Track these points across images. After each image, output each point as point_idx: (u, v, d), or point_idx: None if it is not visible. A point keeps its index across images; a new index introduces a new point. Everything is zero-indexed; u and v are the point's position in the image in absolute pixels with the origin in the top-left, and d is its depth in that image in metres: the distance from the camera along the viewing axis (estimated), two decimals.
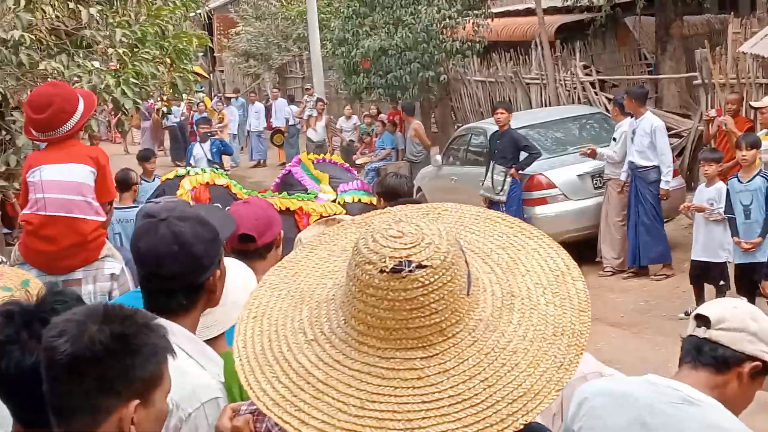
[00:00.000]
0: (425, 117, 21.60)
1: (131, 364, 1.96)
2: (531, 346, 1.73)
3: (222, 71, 34.85)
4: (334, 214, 6.75)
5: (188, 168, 8.95)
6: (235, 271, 3.23)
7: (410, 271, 1.66)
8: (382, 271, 1.67)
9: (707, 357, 2.57)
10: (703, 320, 2.61)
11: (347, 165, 9.98)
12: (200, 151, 17.51)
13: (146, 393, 1.99)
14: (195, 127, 19.99)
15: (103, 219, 4.91)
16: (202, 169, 8.37)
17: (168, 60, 8.25)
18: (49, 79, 7.70)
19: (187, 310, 2.64)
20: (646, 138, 11.12)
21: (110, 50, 7.62)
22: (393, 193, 6.39)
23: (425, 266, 1.66)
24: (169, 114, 19.79)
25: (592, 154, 11.84)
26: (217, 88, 34.53)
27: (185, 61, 8.49)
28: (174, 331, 2.29)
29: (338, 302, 1.79)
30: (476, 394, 1.65)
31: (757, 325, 2.59)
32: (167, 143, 27.12)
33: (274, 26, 28.63)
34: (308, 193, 8.28)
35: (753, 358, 2.57)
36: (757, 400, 2.70)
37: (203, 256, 2.63)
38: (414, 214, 1.96)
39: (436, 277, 1.67)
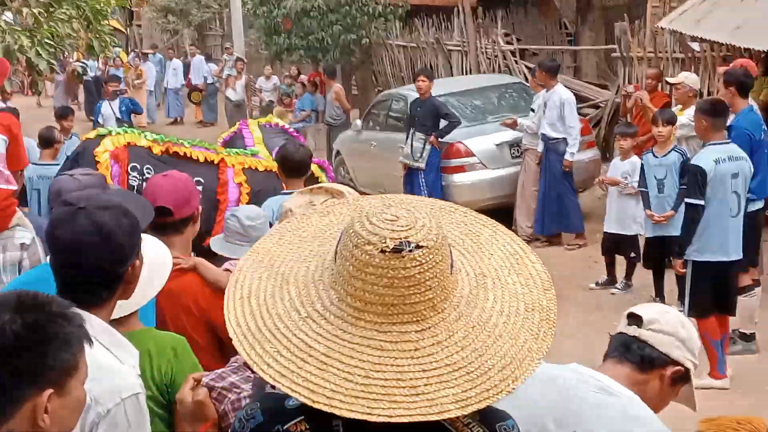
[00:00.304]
0: (346, 80, 21.49)
1: (44, 353, 1.94)
2: (509, 320, 1.89)
3: (140, 26, 34.17)
4: (318, 182, 6.61)
5: (110, 128, 8.73)
6: (146, 247, 3.20)
7: (410, 251, 1.80)
8: (383, 251, 1.80)
9: (634, 354, 2.65)
10: (635, 319, 2.69)
11: (293, 130, 9.78)
12: (108, 109, 17.15)
13: (61, 382, 1.97)
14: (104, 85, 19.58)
15: (15, 188, 4.80)
16: (123, 129, 8.17)
17: (84, 21, 8.05)
18: None
19: (105, 301, 2.61)
20: (555, 110, 11.26)
21: (25, 9, 7.40)
22: (293, 167, 6.22)
23: (422, 246, 1.81)
24: (84, 75, 19.34)
25: (513, 125, 11.95)
26: (134, 43, 33.87)
27: (102, 22, 8.30)
28: (92, 322, 2.26)
29: (327, 282, 1.90)
30: (469, 363, 1.81)
31: (686, 332, 2.68)
32: (81, 97, 26.55)
33: None
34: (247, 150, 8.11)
35: (677, 363, 2.66)
36: None
37: (125, 247, 2.60)
38: (376, 201, 2.11)
39: (431, 256, 1.81)
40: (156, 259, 3.18)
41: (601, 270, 10.01)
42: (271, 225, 6.06)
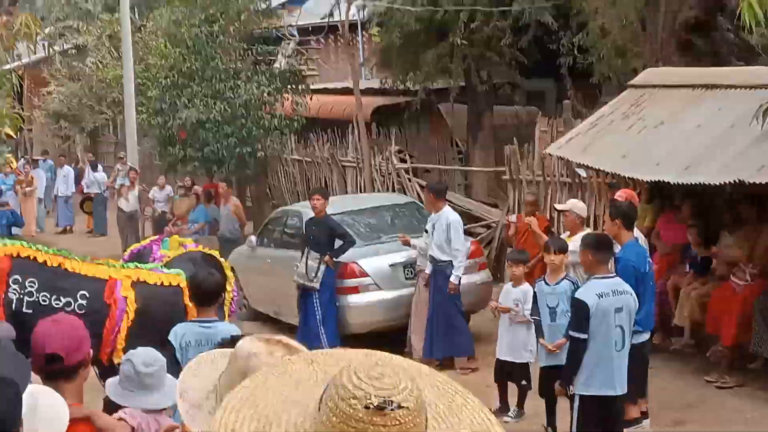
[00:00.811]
0: (240, 193, 21.49)
1: None
2: None
3: (30, 130, 33.63)
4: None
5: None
6: (41, 402, 3.11)
7: (392, 409, 1.88)
8: (367, 407, 1.88)
9: None
10: None
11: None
12: None
13: None
14: None
15: None
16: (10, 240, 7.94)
17: None
18: None
19: None
20: (443, 233, 11.42)
21: None
22: (205, 295, 6.31)
23: (403, 407, 1.89)
24: None
25: (406, 243, 12.06)
26: (24, 148, 33.31)
27: None
28: None
29: (310, 430, 1.97)
30: None
31: None
32: None
33: (88, 88, 27.91)
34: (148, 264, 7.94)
35: None
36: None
37: (7, 421, 2.52)
38: (355, 357, 2.17)
39: (410, 417, 1.90)
40: (50, 414, 3.10)
41: (494, 395, 10.06)
42: (175, 357, 6.01)
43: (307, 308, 12.25)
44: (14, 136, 27.85)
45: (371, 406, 1.88)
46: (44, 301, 7.13)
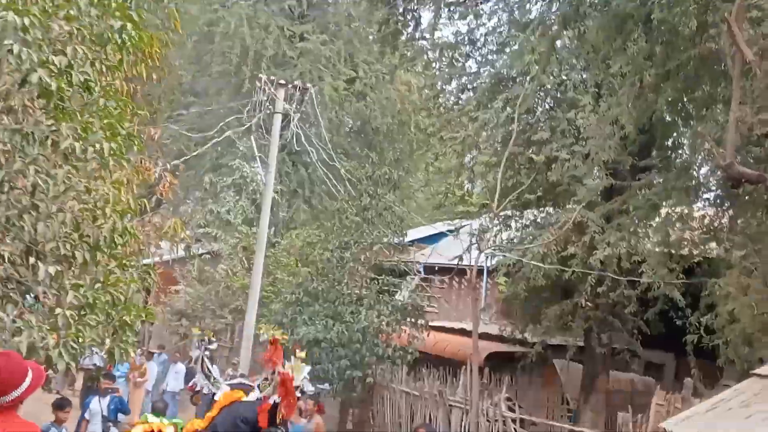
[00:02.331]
0: (343, 414, 21.48)
1: None
2: None
3: (152, 324, 34.64)
4: None
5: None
6: None
7: None
8: None
9: None
10: None
11: None
12: (97, 405, 17.08)
13: None
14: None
15: None
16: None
17: (111, 328, 8.29)
18: None
19: None
20: None
21: (58, 310, 7.65)
22: None
23: None
24: (97, 375, 19.47)
25: None
26: (142, 341, 34.19)
27: (128, 333, 8.54)
28: None
29: None
30: None
31: None
32: (79, 383, 26.44)
33: (215, 293, 28.84)
34: None
35: None
36: None
37: None
38: None
39: None
40: None
41: None
42: None
43: None
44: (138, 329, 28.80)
45: None
46: None
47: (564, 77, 19.29)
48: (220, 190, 31.61)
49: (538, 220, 18.67)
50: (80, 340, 7.63)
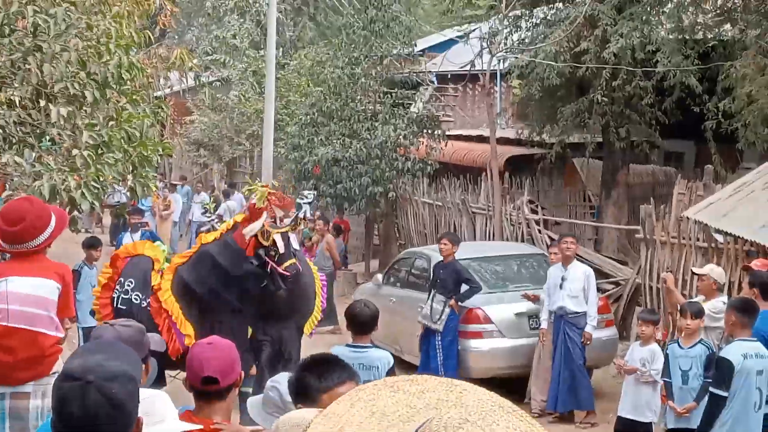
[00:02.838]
0: (369, 230, 21.78)
1: None
2: None
3: (170, 156, 34.82)
4: None
5: None
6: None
7: None
8: None
9: None
10: None
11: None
12: (129, 240, 17.34)
13: None
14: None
15: (62, 335, 4.88)
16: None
17: (130, 165, 8.30)
18: (10, 170, 7.72)
19: None
20: (578, 283, 11.39)
21: (75, 151, 7.63)
22: (360, 324, 6.88)
23: None
24: (120, 211, 19.67)
25: (535, 300, 12.08)
26: (162, 173, 34.48)
27: (147, 168, 8.55)
28: None
29: None
30: None
31: None
32: (106, 220, 26.89)
33: (229, 119, 28.80)
34: None
35: None
36: None
37: (132, 413, 2.67)
38: (439, 388, 2.17)
39: None
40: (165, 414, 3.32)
41: None
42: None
43: (429, 349, 12.32)
44: (158, 162, 28.98)
45: None
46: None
47: None
48: (223, 14, 31.04)
49: (549, 17, 18.21)
50: (101, 178, 7.65)
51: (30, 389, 4.83)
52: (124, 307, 8.69)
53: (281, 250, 8.96)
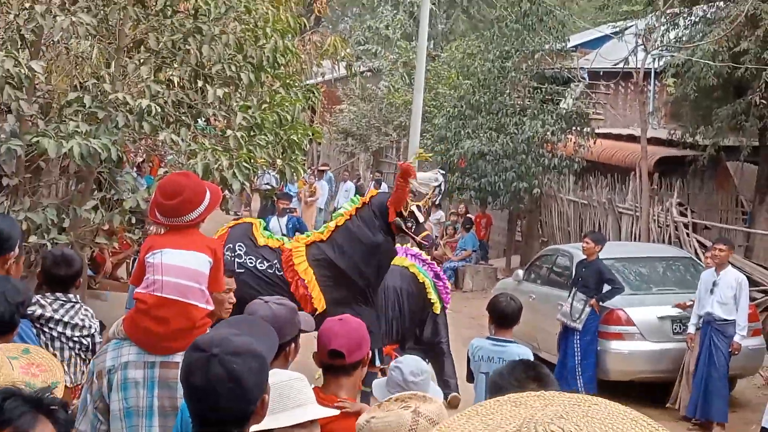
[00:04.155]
0: (511, 225, 21.64)
1: None
2: None
3: (319, 143, 35.42)
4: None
5: None
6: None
7: None
8: None
9: None
10: None
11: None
12: (276, 224, 17.68)
13: None
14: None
15: (212, 308, 4.98)
16: None
17: (280, 148, 8.49)
18: (166, 148, 8.00)
19: None
20: (730, 290, 11.05)
21: (228, 131, 7.86)
22: (504, 317, 6.81)
23: None
24: (269, 194, 20.12)
25: (685, 307, 11.80)
26: (311, 160, 35.10)
27: (297, 152, 8.72)
28: None
29: None
30: None
31: None
32: (255, 204, 27.52)
33: (378, 110, 29.06)
34: None
35: None
36: None
37: (254, 390, 2.73)
38: (567, 402, 2.07)
39: None
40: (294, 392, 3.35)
41: None
42: None
43: (567, 348, 12.18)
44: (307, 147, 29.52)
45: None
46: None
47: None
48: (377, 4, 31.34)
49: (708, 15, 17.66)
50: (252, 160, 7.85)
51: (179, 359, 4.95)
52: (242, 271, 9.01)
53: (420, 219, 9.20)
